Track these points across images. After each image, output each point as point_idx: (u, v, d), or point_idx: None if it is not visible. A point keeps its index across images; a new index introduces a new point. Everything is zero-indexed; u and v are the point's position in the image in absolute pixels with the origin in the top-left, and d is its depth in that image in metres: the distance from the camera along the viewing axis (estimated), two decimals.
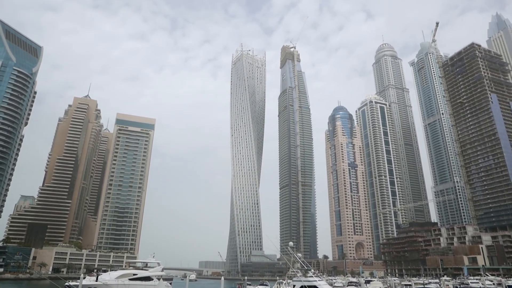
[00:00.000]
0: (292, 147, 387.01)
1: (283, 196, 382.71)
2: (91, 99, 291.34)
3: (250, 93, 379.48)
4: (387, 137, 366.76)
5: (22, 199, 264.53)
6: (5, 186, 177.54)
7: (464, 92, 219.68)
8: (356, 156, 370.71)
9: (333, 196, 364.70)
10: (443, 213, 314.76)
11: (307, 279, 52.27)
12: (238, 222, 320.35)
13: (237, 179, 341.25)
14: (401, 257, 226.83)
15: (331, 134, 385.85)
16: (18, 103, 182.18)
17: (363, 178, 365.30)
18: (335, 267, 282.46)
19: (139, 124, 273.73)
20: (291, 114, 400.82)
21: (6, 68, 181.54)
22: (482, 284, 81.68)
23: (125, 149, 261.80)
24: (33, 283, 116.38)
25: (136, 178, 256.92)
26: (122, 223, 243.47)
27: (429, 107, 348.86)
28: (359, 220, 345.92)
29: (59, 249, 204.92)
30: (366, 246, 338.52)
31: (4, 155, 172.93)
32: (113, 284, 58.84)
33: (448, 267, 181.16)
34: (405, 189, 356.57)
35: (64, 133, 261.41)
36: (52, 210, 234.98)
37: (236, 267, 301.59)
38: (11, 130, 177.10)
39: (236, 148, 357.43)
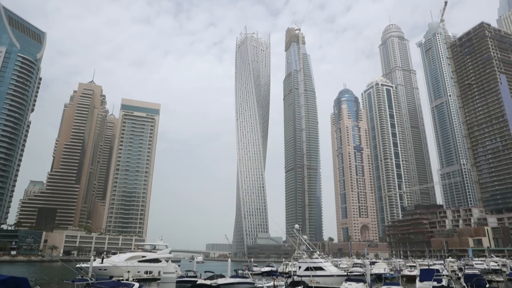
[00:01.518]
0: (298, 131, 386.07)
1: (289, 179, 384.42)
2: (96, 85, 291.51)
3: (255, 77, 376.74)
4: (393, 120, 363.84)
5: (32, 184, 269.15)
6: (15, 172, 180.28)
7: (472, 73, 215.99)
8: (361, 139, 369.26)
9: (339, 179, 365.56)
10: (449, 196, 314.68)
11: (312, 261, 53.07)
12: (244, 206, 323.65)
13: (243, 163, 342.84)
14: (406, 239, 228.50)
15: (337, 117, 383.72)
16: (24, 90, 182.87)
17: (368, 161, 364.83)
18: (340, 249, 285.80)
19: (144, 109, 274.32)
20: (296, 98, 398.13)
21: (10, 54, 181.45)
22: (487, 265, 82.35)
23: (131, 134, 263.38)
24: (45, 265, 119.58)
25: (142, 162, 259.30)
26: (130, 207, 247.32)
27: (436, 89, 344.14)
28: (364, 203, 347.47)
29: (69, 232, 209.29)
30: (371, 229, 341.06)
31: (13, 141, 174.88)
32: (123, 266, 60.29)
33: (453, 248, 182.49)
34: (411, 172, 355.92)
35: (70, 119, 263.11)
36: (61, 195, 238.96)
37: (243, 250, 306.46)
38: (18, 116, 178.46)
39: (241, 132, 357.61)
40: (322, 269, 51.02)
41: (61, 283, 40.00)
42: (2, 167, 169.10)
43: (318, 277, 46.94)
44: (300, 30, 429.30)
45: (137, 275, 57.65)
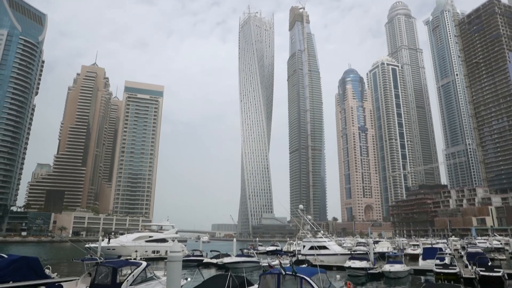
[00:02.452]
0: (302, 112, 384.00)
1: (293, 160, 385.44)
2: (99, 67, 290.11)
3: (259, 57, 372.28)
4: (398, 100, 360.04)
5: (39, 167, 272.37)
6: (21, 155, 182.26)
7: (480, 52, 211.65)
8: (366, 119, 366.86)
9: (343, 160, 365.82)
10: (454, 176, 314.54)
11: (316, 240, 53.82)
12: (249, 187, 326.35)
13: (247, 145, 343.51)
14: (410, 218, 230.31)
15: (341, 98, 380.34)
16: (27, 73, 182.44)
17: (373, 141, 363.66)
18: (344, 228, 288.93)
19: (148, 92, 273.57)
20: (300, 78, 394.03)
21: (12, 37, 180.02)
22: (490, 244, 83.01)
23: (135, 117, 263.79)
24: (55, 245, 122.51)
25: (147, 145, 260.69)
26: (136, 188, 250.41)
27: (443, 68, 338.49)
28: (368, 183, 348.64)
29: (78, 213, 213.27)
30: (375, 209, 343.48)
31: (18, 124, 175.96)
32: (130, 246, 61.61)
33: (456, 228, 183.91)
34: (415, 152, 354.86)
35: (74, 102, 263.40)
36: (68, 177, 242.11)
37: (248, 229, 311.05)
38: (22, 100, 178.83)
39: (245, 114, 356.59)
40: (326, 248, 51.80)
41: (71, 263, 41.05)
42: (9, 150, 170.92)
43: (322, 256, 47.71)
44: (304, 9, 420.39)
45: (144, 254, 58.95)
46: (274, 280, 12.49)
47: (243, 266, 36.39)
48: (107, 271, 18.07)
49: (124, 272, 18.65)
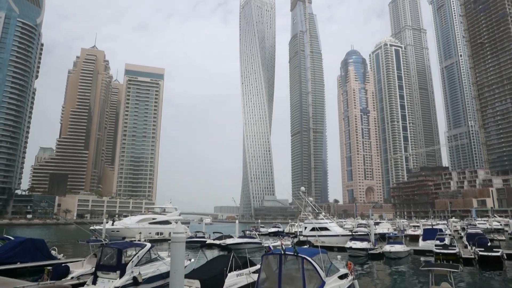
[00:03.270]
0: (304, 94, 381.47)
1: (295, 143, 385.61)
2: (98, 50, 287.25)
3: (260, 39, 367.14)
4: (401, 81, 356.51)
5: (42, 150, 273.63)
6: (24, 139, 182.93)
7: (485, 32, 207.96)
8: (368, 101, 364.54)
9: (345, 142, 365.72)
10: (455, 158, 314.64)
11: (318, 221, 54.42)
12: (251, 169, 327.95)
13: (249, 127, 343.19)
14: (410, 200, 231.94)
15: (343, 80, 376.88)
16: (26, 56, 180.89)
17: (375, 124, 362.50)
18: (345, 210, 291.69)
19: (149, 74, 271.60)
20: (302, 60, 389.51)
21: (10, 20, 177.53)
22: (490, 225, 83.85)
23: (136, 100, 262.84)
24: (60, 227, 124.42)
25: (149, 128, 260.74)
26: (138, 171, 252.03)
27: (447, 48, 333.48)
28: (370, 166, 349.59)
29: (81, 196, 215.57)
30: (376, 191, 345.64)
31: (20, 108, 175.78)
32: (134, 228, 62.53)
33: (456, 209, 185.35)
34: (417, 134, 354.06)
35: (75, 85, 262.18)
36: (71, 160, 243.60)
37: (250, 212, 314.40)
38: (23, 83, 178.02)
39: (247, 96, 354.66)
40: (328, 229, 52.45)
41: (76, 244, 41.78)
42: (12, 134, 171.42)
43: (324, 237, 48.36)
44: None
45: (148, 236, 59.84)
46: (276, 260, 12.71)
47: (246, 247, 36.97)
48: (112, 252, 18.39)
49: (129, 253, 18.98)
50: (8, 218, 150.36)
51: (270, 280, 12.44)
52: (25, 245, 24.97)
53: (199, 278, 14.38)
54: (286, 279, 12.10)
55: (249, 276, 15.91)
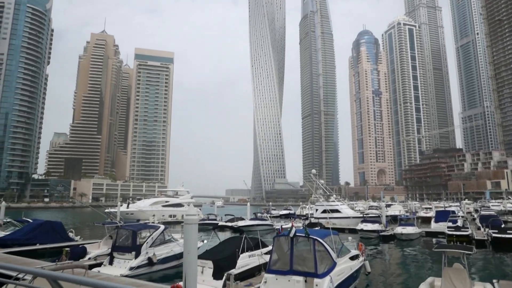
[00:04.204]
0: (314, 76, 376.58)
1: (306, 125, 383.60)
2: (108, 35, 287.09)
3: (269, 20, 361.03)
4: (414, 62, 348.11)
5: (56, 136, 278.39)
6: (38, 125, 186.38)
7: (504, 8, 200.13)
8: (380, 83, 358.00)
9: (356, 124, 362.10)
10: (469, 140, 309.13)
11: (329, 204, 54.61)
12: (262, 152, 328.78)
13: (259, 110, 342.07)
14: (423, 182, 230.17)
15: (355, 61, 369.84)
16: (37, 42, 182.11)
17: (387, 105, 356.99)
18: (356, 193, 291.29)
19: (158, 59, 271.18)
20: (312, 41, 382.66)
21: (20, 6, 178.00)
22: (504, 206, 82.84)
23: (146, 84, 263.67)
24: (76, 210, 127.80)
25: (160, 112, 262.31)
26: (150, 155, 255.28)
27: (463, 27, 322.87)
28: (381, 148, 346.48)
29: (96, 180, 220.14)
30: (388, 173, 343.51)
31: (33, 94, 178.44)
32: (148, 210, 63.82)
33: (470, 191, 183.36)
34: (431, 116, 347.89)
35: (86, 71, 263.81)
36: (84, 145, 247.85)
37: (261, 194, 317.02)
38: (35, 69, 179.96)
39: (257, 79, 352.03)
40: (339, 212, 52.64)
41: (92, 226, 42.90)
42: (27, 120, 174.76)
43: (335, 219, 48.57)
44: None
45: (162, 218, 61.04)
46: (287, 242, 12.84)
47: (257, 229, 37.44)
48: (127, 234, 18.87)
49: (143, 234, 19.45)
50: (27, 202, 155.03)
51: (281, 261, 12.61)
52: (44, 227, 25.81)
53: (212, 259, 14.66)
54: (298, 260, 12.25)
55: (261, 257, 16.16)
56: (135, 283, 13.01)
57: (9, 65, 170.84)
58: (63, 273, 7.27)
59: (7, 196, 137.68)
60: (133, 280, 13.84)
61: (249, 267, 15.45)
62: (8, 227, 29.41)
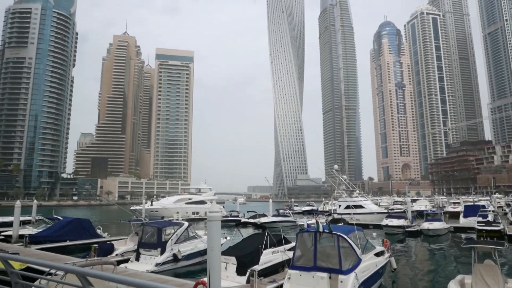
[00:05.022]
0: (335, 70, 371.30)
1: (327, 121, 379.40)
2: (129, 36, 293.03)
3: (288, 16, 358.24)
4: (439, 52, 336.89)
5: (82, 136, 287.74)
6: (66, 125, 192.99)
7: None
8: (404, 75, 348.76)
9: (379, 118, 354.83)
10: (499, 131, 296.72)
11: (352, 199, 53.88)
12: (283, 148, 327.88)
13: (279, 107, 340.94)
14: (450, 176, 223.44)
15: (377, 53, 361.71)
16: (63, 45, 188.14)
17: (411, 98, 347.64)
18: (380, 188, 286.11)
19: (179, 58, 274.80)
20: (332, 35, 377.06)
21: (46, 11, 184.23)
22: None
23: (168, 84, 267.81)
24: (103, 208, 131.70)
25: (181, 110, 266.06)
26: (173, 153, 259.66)
27: (491, 13, 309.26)
28: (406, 142, 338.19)
29: (121, 178, 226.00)
30: (413, 167, 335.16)
31: (61, 96, 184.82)
32: (171, 208, 64.96)
33: (500, 185, 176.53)
34: (457, 107, 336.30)
35: (109, 72, 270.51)
36: (110, 145, 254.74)
37: (283, 191, 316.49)
38: (62, 72, 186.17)
39: (276, 75, 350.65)
40: (362, 207, 51.82)
41: (119, 223, 44.10)
42: (55, 122, 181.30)
43: (359, 215, 47.90)
44: None
45: (185, 215, 61.95)
46: (311, 238, 12.75)
47: (280, 225, 37.42)
48: (152, 231, 19.28)
49: (168, 231, 19.80)
50: (57, 200, 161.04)
51: (305, 257, 12.54)
52: (73, 225, 26.78)
53: (235, 255, 14.75)
54: (322, 256, 12.14)
55: (284, 254, 16.13)
56: (161, 279, 13.28)
57: (37, 68, 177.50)
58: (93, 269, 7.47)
59: (38, 195, 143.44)
60: (159, 276, 14.14)
61: (272, 263, 15.46)
62: (40, 224, 30.66)
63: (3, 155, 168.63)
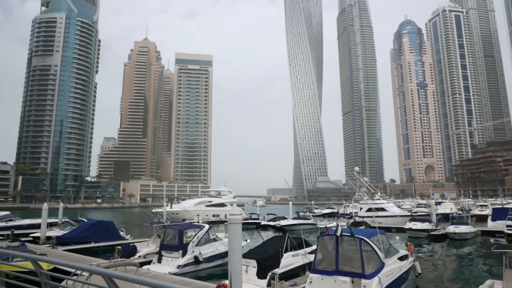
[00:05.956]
0: (354, 71, 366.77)
1: (347, 122, 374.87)
2: (150, 42, 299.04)
3: (306, 17, 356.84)
4: (463, 50, 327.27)
5: (105, 140, 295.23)
6: (90, 130, 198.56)
7: None
8: (425, 74, 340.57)
9: (400, 119, 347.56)
10: None
11: (374, 202, 52.93)
12: (302, 151, 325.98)
13: (298, 109, 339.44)
14: (476, 178, 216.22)
15: (397, 53, 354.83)
16: (87, 53, 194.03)
17: (433, 98, 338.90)
18: (402, 190, 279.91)
19: (198, 62, 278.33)
20: (351, 35, 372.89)
21: (70, 20, 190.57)
22: None
23: (187, 88, 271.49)
24: (126, 210, 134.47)
25: (200, 114, 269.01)
26: (193, 156, 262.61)
27: None
28: (429, 143, 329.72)
29: (143, 182, 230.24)
30: (437, 169, 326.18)
31: (85, 102, 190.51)
32: (192, 210, 65.60)
33: None
34: (483, 107, 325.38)
35: (130, 77, 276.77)
36: (131, 148, 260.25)
37: (303, 193, 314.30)
38: (85, 79, 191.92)
39: (295, 77, 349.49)
40: (384, 210, 50.81)
41: (141, 226, 44.86)
42: (79, 127, 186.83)
43: (381, 218, 46.95)
44: None
45: (205, 218, 62.44)
46: (332, 241, 12.57)
47: (300, 228, 37.13)
48: (174, 233, 19.52)
49: (189, 234, 19.99)
50: (81, 203, 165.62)
51: (327, 261, 12.38)
52: (97, 227, 27.47)
53: (256, 258, 14.72)
54: (344, 260, 11.96)
55: (305, 257, 15.98)
56: (183, 281, 13.40)
57: (62, 75, 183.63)
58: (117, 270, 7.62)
59: (64, 198, 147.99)
60: (181, 278, 14.28)
61: (293, 267, 15.34)
62: (66, 226, 31.60)
63: (31, 159, 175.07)
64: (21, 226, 34.33)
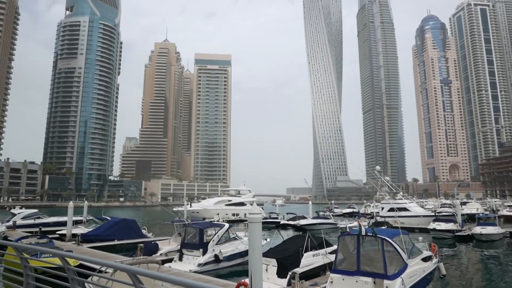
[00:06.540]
0: (375, 68, 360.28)
1: (367, 120, 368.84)
2: (170, 43, 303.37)
3: (325, 15, 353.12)
4: (489, 45, 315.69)
5: (127, 140, 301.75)
6: (112, 130, 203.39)
7: None
8: (449, 71, 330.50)
9: (423, 117, 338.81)
10: None
11: (396, 202, 51.92)
12: (322, 150, 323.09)
13: (318, 107, 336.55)
14: (504, 177, 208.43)
15: (419, 49, 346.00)
16: (109, 55, 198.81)
17: (458, 95, 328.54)
18: (426, 189, 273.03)
19: (217, 62, 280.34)
20: (372, 32, 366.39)
21: (93, 23, 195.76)
22: None
23: (206, 88, 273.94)
24: (148, 209, 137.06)
25: (220, 114, 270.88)
26: (213, 156, 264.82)
27: None
28: (453, 141, 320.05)
29: (164, 181, 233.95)
30: (462, 168, 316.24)
31: (107, 103, 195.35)
32: (212, 209, 66.19)
33: None
34: (511, 104, 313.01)
35: (151, 78, 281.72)
36: (152, 148, 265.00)
37: (322, 192, 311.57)
38: (108, 80, 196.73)
39: (314, 76, 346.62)
40: (407, 210, 49.73)
41: (162, 224, 45.69)
42: (103, 127, 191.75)
43: (403, 218, 45.99)
44: None
45: (225, 217, 62.85)
46: (353, 241, 12.41)
47: (320, 228, 36.84)
48: (194, 232, 19.74)
49: (210, 232, 20.18)
50: (105, 201, 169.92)
51: (348, 261, 12.23)
52: (120, 225, 28.15)
53: (276, 257, 14.71)
54: (365, 260, 11.78)
55: (326, 257, 15.84)
56: (203, 279, 13.54)
57: (86, 77, 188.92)
58: (140, 267, 7.78)
59: (88, 196, 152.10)
60: (202, 276, 14.43)
61: (313, 266, 15.24)
62: (90, 224, 32.51)
63: (57, 159, 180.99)
64: (48, 223, 35.60)
